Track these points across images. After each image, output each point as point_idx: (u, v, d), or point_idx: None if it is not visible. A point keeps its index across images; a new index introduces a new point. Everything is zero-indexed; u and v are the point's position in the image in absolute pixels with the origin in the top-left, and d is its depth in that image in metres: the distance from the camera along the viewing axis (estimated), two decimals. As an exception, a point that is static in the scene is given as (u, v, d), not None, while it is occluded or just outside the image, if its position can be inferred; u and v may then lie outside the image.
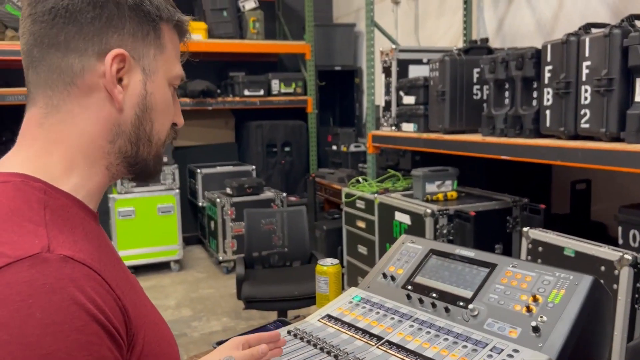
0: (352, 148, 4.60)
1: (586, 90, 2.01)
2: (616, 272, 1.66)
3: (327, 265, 1.22)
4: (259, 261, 3.14)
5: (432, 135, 2.85)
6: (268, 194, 4.52)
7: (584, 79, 2.02)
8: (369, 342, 0.95)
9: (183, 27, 0.76)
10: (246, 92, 4.83)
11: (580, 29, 2.11)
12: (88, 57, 0.67)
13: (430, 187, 2.79)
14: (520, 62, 2.29)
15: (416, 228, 2.65)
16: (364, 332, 0.98)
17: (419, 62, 3.28)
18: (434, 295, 1.02)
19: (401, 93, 3.20)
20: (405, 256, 1.14)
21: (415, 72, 3.25)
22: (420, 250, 1.13)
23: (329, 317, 1.06)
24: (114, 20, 0.68)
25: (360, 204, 3.24)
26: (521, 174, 2.96)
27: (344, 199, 3.42)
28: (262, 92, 4.88)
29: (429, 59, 3.01)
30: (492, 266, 1.00)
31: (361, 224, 3.24)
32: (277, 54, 5.51)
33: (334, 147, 4.86)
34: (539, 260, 1.95)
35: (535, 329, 0.85)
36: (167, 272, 4.50)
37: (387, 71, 3.33)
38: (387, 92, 3.34)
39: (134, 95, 0.70)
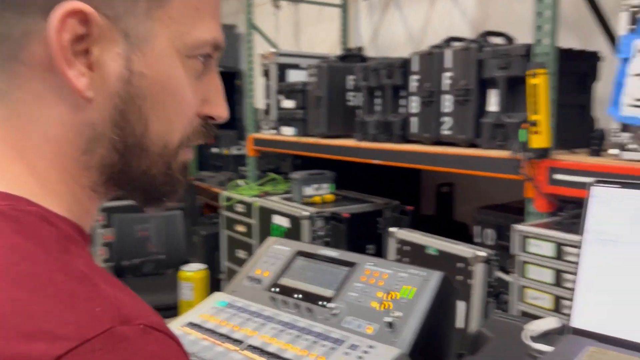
0: (234, 151, 4.54)
1: (447, 99, 2.16)
2: (471, 268, 1.80)
3: (192, 271, 1.18)
4: (130, 270, 2.97)
5: (310, 140, 2.90)
6: (144, 198, 4.30)
7: (446, 88, 2.17)
8: (230, 347, 0.93)
9: None
10: (120, 91, 4.57)
11: (443, 41, 2.27)
12: (32, 14, 0.42)
13: (308, 190, 2.83)
14: (390, 71, 2.41)
15: (294, 231, 2.67)
16: (226, 337, 0.96)
17: (297, 67, 3.32)
18: (298, 296, 1.03)
19: (281, 97, 3.22)
20: (272, 258, 1.14)
21: (294, 76, 3.29)
22: (288, 252, 1.14)
23: (191, 324, 1.02)
24: None
25: (239, 207, 3.20)
26: (393, 178, 3.10)
27: (223, 203, 3.36)
28: (138, 92, 4.65)
29: (308, 64, 3.06)
30: (352, 265, 1.03)
31: (240, 228, 3.20)
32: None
33: (216, 150, 4.76)
34: (406, 259, 2.05)
35: (390, 325, 0.88)
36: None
37: (266, 74, 3.33)
38: (267, 95, 3.34)
39: (111, 78, 0.45)
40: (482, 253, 1.77)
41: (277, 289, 1.06)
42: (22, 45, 0.43)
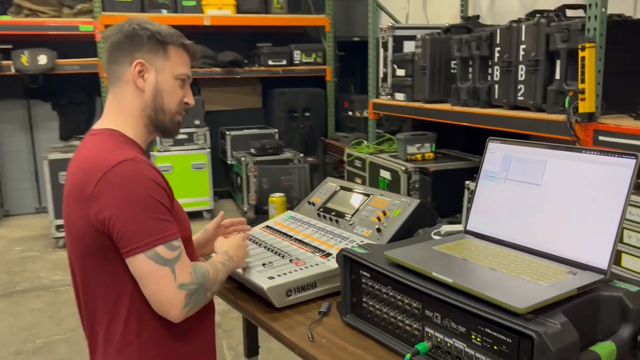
0: (365, 114, 5.06)
1: (522, 69, 2.43)
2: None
3: (275, 197, 1.76)
4: (268, 209, 3.73)
5: (416, 104, 3.30)
6: (287, 154, 5.07)
7: (520, 59, 2.43)
8: (282, 239, 1.49)
9: (187, 47, 1.29)
10: (270, 62, 5.33)
11: (526, 15, 2.51)
12: (126, 66, 1.23)
13: (411, 149, 3.26)
14: (479, 44, 2.71)
15: (394, 182, 3.14)
16: (284, 234, 1.52)
17: (412, 38, 3.69)
18: (333, 213, 1.55)
19: (395, 66, 3.64)
20: (325, 190, 1.67)
21: (409, 47, 3.67)
22: (334, 187, 1.66)
23: (267, 227, 1.60)
24: (138, 45, 1.23)
25: (357, 163, 3.75)
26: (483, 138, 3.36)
27: (345, 159, 3.93)
28: (284, 62, 5.38)
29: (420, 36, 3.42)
30: (368, 195, 1.52)
31: (358, 180, 3.75)
32: (303, 25, 5.96)
33: (350, 113, 5.33)
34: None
35: (378, 230, 1.37)
36: (200, 220, 5.17)
37: (384, 46, 3.76)
38: (385, 64, 3.78)
39: (151, 84, 1.24)
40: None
41: (322, 209, 1.59)
42: (122, 74, 1.25)
